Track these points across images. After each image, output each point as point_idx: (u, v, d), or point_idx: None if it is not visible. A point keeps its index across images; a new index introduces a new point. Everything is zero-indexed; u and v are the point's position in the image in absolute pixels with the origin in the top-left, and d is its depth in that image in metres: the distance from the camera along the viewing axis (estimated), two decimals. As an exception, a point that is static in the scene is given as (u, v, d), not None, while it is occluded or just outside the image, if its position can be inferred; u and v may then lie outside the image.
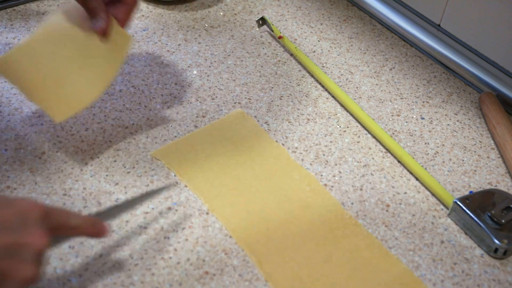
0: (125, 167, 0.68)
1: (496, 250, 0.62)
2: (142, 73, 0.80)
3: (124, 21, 0.66)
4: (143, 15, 0.90)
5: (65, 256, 0.59)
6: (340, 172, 0.70)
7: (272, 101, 0.78)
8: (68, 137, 0.71)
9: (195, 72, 0.81)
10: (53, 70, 0.63)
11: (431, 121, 0.78)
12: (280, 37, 0.86)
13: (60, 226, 0.49)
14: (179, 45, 0.85)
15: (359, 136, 0.75)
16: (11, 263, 0.43)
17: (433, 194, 0.68)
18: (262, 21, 0.89)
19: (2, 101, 0.75)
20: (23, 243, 0.44)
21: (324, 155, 0.72)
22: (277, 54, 0.86)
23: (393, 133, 0.76)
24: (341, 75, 0.84)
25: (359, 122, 0.76)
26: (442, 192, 0.67)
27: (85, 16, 0.64)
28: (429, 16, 0.87)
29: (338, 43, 0.89)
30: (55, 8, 0.89)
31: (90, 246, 0.60)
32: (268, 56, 0.85)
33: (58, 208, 0.50)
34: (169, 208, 0.65)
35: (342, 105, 0.79)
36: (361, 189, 0.68)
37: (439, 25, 0.86)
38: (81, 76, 0.63)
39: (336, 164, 0.71)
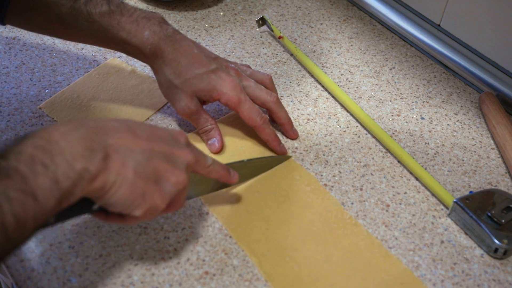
0: (125, 167, 0.68)
1: (496, 250, 0.62)
2: (142, 73, 0.80)
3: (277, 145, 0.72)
4: (143, 15, 0.90)
5: (65, 256, 0.59)
6: (340, 172, 0.70)
7: (272, 101, 0.78)
8: (68, 137, 0.71)
9: (195, 72, 0.81)
10: None
11: (431, 121, 0.78)
12: (280, 37, 0.86)
13: (198, 160, 0.56)
14: (179, 45, 0.85)
15: (359, 136, 0.75)
16: (168, 166, 0.52)
17: (433, 194, 0.68)
18: (262, 21, 0.89)
19: (2, 101, 0.75)
20: (176, 154, 0.53)
21: (324, 155, 0.72)
22: (277, 54, 0.86)
23: (393, 133, 0.76)
24: (341, 75, 0.83)
25: (359, 122, 0.76)
26: (442, 192, 0.67)
27: None
28: (429, 16, 0.87)
29: (338, 43, 0.89)
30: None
31: (90, 246, 0.60)
32: (268, 56, 0.85)
33: (196, 148, 0.57)
34: (169, 208, 0.65)
35: (342, 105, 0.78)
36: (361, 189, 0.68)
37: (439, 25, 0.86)
38: None
39: (336, 164, 0.71)
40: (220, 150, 0.70)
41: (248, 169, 0.67)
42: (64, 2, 0.66)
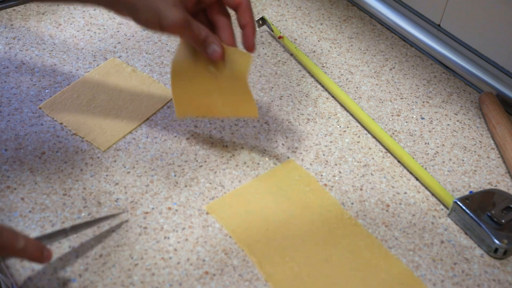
0: (125, 167, 0.68)
1: (496, 250, 0.62)
2: (142, 73, 0.80)
3: (250, 45, 0.64)
4: (143, 15, 0.90)
5: (65, 256, 0.59)
6: (340, 172, 0.70)
7: (272, 101, 0.78)
8: (68, 137, 0.71)
9: (195, 72, 0.81)
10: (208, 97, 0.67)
11: (431, 121, 0.78)
12: (280, 37, 0.86)
13: (7, 247, 0.50)
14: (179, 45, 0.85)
15: (359, 136, 0.75)
16: None
17: (433, 194, 0.68)
18: (262, 21, 0.89)
19: (2, 101, 0.75)
20: None
21: (324, 155, 0.72)
22: (277, 54, 0.86)
23: (393, 133, 0.76)
24: (341, 75, 0.83)
25: (359, 122, 0.76)
26: (442, 192, 0.67)
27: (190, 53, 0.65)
28: (429, 16, 0.87)
29: (338, 43, 0.89)
30: (55, 9, 0.89)
31: (90, 246, 0.60)
32: (268, 56, 0.85)
33: (7, 227, 0.51)
34: (169, 208, 0.65)
35: (342, 105, 0.78)
36: (361, 189, 0.68)
37: (439, 25, 0.86)
38: (226, 102, 0.67)
39: (336, 164, 0.71)
40: (220, 58, 0.62)
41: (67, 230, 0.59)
42: None
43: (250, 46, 0.64)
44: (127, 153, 0.70)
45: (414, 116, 0.78)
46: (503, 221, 0.63)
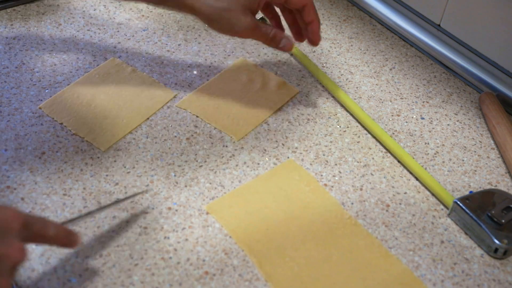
0: (125, 167, 0.68)
1: (496, 250, 0.62)
2: (142, 73, 0.80)
3: (315, 41, 0.74)
4: (143, 15, 0.90)
5: (65, 256, 0.59)
6: (340, 172, 0.70)
7: (272, 101, 0.78)
8: (68, 137, 0.71)
9: (195, 72, 0.81)
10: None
11: (431, 121, 0.78)
12: (280, 37, 0.86)
13: (38, 236, 0.49)
14: (179, 45, 0.85)
15: (359, 136, 0.75)
16: None
17: (433, 194, 0.68)
18: (262, 21, 0.89)
19: (2, 101, 0.75)
20: (1, 255, 0.43)
21: (324, 155, 0.72)
22: (277, 54, 0.86)
23: (393, 133, 0.76)
24: (341, 75, 0.83)
25: (359, 122, 0.76)
26: (442, 192, 0.67)
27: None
28: (429, 16, 0.87)
29: (338, 43, 0.89)
30: (55, 9, 0.89)
31: (90, 246, 0.60)
32: (268, 56, 0.85)
33: (37, 217, 0.51)
34: (169, 208, 0.65)
35: (342, 105, 0.78)
36: (361, 189, 0.68)
37: (439, 25, 0.86)
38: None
39: (336, 164, 0.71)
40: (291, 48, 0.72)
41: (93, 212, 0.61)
42: None
43: (317, 40, 0.73)
44: (127, 153, 0.70)
45: (414, 116, 0.78)
46: (503, 221, 0.63)
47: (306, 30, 0.73)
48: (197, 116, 0.75)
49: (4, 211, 0.46)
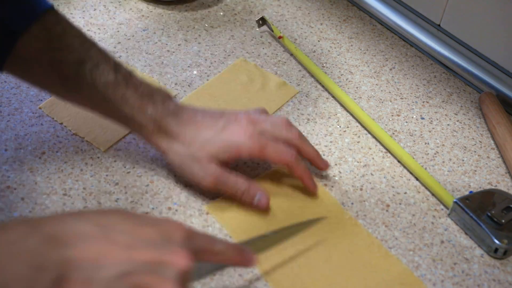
0: (125, 167, 0.68)
1: (496, 250, 0.62)
2: (142, 73, 0.80)
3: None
4: (143, 15, 0.90)
5: (65, 256, 0.59)
6: (340, 172, 0.70)
7: (272, 101, 0.78)
8: (68, 137, 0.71)
9: (195, 72, 0.81)
10: None
11: (431, 121, 0.78)
12: (280, 37, 0.86)
13: (204, 250, 0.47)
14: (179, 45, 0.85)
15: (359, 136, 0.75)
16: (152, 279, 0.42)
17: (433, 194, 0.68)
18: (262, 21, 0.89)
19: (2, 101, 0.75)
20: (166, 261, 0.43)
21: (324, 155, 0.72)
22: (277, 54, 0.86)
23: (393, 133, 0.76)
24: (341, 75, 0.84)
25: (359, 122, 0.76)
26: (442, 192, 0.67)
27: None
28: (429, 16, 0.87)
29: (338, 43, 0.89)
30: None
31: (90, 246, 0.60)
32: (268, 56, 0.85)
33: (202, 232, 0.49)
34: (169, 208, 0.65)
35: (342, 105, 0.79)
36: (361, 189, 0.68)
37: (439, 25, 0.86)
38: None
39: (336, 164, 0.71)
40: (268, 205, 0.64)
41: (273, 239, 0.58)
42: (70, 63, 0.60)
43: (315, 189, 0.66)
44: (127, 153, 0.70)
45: (414, 116, 0.78)
46: (503, 221, 0.63)
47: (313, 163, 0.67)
48: (197, 116, 0.75)
49: (168, 222, 0.46)
